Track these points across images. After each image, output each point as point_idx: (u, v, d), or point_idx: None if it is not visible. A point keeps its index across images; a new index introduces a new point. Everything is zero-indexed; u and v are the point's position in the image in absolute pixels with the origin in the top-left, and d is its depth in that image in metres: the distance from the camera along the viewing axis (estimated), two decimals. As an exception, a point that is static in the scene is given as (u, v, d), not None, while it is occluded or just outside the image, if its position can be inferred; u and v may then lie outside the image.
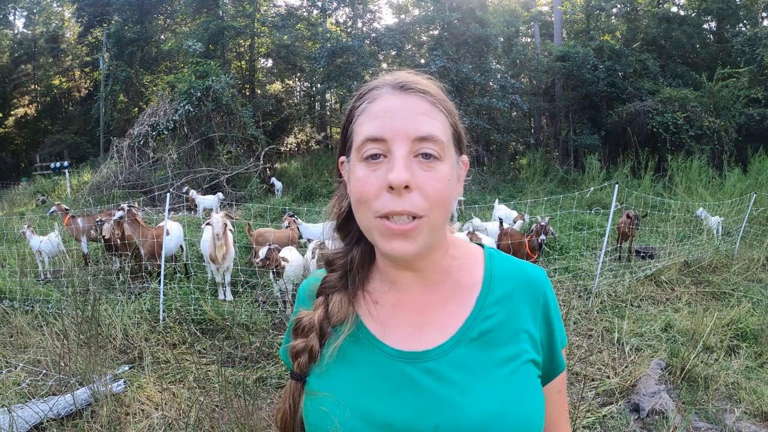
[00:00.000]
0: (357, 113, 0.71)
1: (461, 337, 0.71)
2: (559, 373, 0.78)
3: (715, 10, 17.69)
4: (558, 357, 0.77)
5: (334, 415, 0.70)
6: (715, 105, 15.07)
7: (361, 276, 0.78)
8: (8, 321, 4.33)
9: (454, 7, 15.99)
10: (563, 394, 0.81)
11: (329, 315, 0.75)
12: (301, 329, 0.76)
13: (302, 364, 0.75)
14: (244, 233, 8.01)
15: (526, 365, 0.71)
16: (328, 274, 0.79)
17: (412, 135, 0.65)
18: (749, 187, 10.56)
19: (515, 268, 0.78)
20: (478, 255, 0.80)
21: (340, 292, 0.76)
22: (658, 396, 3.16)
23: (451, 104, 0.73)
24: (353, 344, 0.74)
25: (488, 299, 0.74)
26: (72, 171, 16.86)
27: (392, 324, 0.74)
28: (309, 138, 24.86)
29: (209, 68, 14.88)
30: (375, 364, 0.72)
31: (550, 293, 0.77)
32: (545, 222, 5.35)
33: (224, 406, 2.99)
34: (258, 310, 4.78)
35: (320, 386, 0.74)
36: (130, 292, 5.10)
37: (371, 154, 0.66)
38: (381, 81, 0.72)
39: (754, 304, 5.00)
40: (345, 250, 0.79)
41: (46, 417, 2.85)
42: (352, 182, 0.69)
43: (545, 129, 20.41)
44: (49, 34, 25.11)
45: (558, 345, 0.77)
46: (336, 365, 0.74)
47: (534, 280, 0.76)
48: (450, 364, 0.70)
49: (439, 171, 0.66)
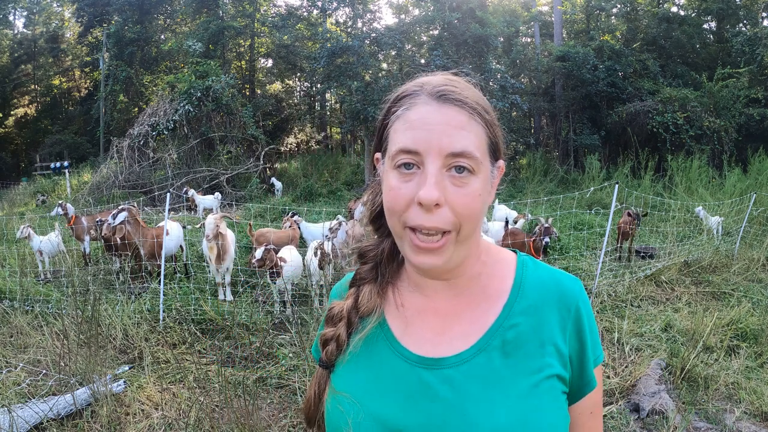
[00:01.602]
0: (393, 117, 0.70)
1: (483, 346, 0.70)
2: (589, 391, 0.73)
3: (715, 10, 17.69)
4: (588, 374, 0.73)
5: (349, 415, 0.71)
6: (715, 105, 15.08)
7: (391, 268, 0.79)
8: (8, 321, 4.33)
9: (454, 7, 15.99)
10: (596, 415, 0.76)
11: (358, 305, 0.76)
12: (331, 318, 0.78)
13: (330, 352, 0.76)
14: (244, 233, 8.01)
15: (550, 380, 0.68)
16: (360, 266, 0.80)
17: (445, 150, 0.65)
18: (749, 187, 10.56)
19: (548, 277, 0.75)
20: (511, 262, 0.78)
21: (371, 284, 0.77)
22: (658, 396, 3.16)
23: (491, 113, 0.71)
24: (375, 341, 0.75)
25: (515, 308, 0.72)
26: (72, 171, 16.87)
27: (414, 327, 0.74)
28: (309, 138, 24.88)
29: (209, 68, 14.88)
30: (393, 366, 0.72)
31: (584, 305, 0.73)
32: (548, 224, 5.35)
33: (224, 406, 2.99)
34: (258, 310, 4.78)
35: (340, 380, 0.75)
36: (130, 292, 5.09)
37: (404, 163, 0.66)
38: (420, 86, 0.70)
39: (754, 304, 5.00)
40: (376, 242, 0.80)
41: (46, 417, 2.84)
42: (385, 189, 0.69)
43: (545, 129, 20.41)
44: (49, 34, 25.11)
45: (589, 361, 0.73)
46: (357, 360, 0.75)
47: (567, 290, 0.73)
48: (468, 373, 0.68)
49: (470, 186, 0.66)
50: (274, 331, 4.38)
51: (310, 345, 3.82)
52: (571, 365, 0.71)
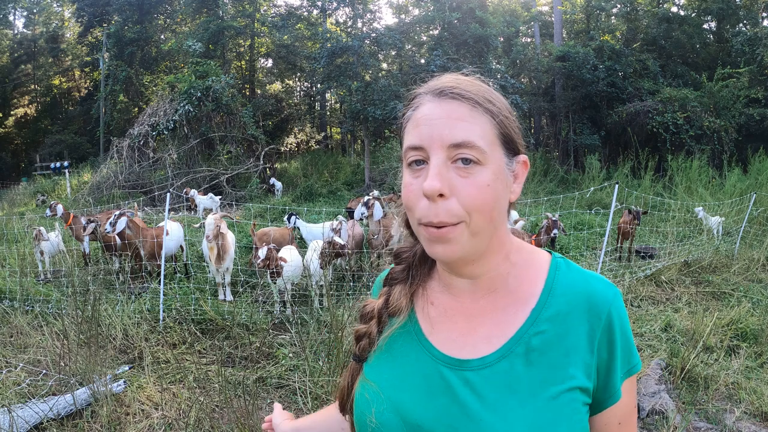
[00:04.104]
0: (405, 120, 0.73)
1: (507, 352, 0.69)
2: (613, 403, 0.70)
3: (715, 10, 17.69)
4: (614, 386, 0.70)
5: (373, 404, 0.73)
6: (715, 105, 15.08)
7: (422, 271, 0.81)
8: (8, 321, 4.33)
9: (454, 7, 15.99)
10: (626, 425, 0.73)
11: (389, 304, 0.79)
12: (364, 315, 0.81)
13: (363, 347, 0.79)
14: (244, 233, 8.01)
15: (572, 393, 0.66)
16: (395, 266, 0.83)
17: (446, 142, 0.65)
18: (749, 187, 10.56)
19: (582, 282, 0.72)
20: (543, 263, 0.75)
21: (402, 284, 0.80)
22: (658, 396, 3.16)
23: (499, 104, 0.71)
24: (404, 336, 0.78)
25: (543, 314, 0.70)
26: (72, 171, 16.87)
27: (442, 326, 0.75)
28: (309, 138, 24.88)
29: (209, 68, 14.88)
30: (418, 361, 0.74)
31: (617, 313, 0.69)
32: (556, 217, 5.35)
33: (224, 406, 2.99)
34: (258, 310, 4.78)
35: (370, 370, 0.78)
36: (130, 292, 5.09)
37: (414, 160, 0.68)
38: (425, 87, 0.72)
39: (754, 304, 5.00)
40: (411, 244, 0.82)
41: (46, 417, 2.84)
42: (402, 187, 0.71)
43: (545, 129, 20.42)
44: (49, 34, 25.12)
45: (617, 373, 0.69)
46: (385, 354, 0.78)
47: (599, 297, 0.70)
48: (489, 378, 0.68)
49: (477, 177, 0.65)
50: (274, 331, 4.38)
51: (310, 345, 3.82)
52: (597, 376, 0.69)
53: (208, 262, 5.36)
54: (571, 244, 7.38)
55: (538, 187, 13.61)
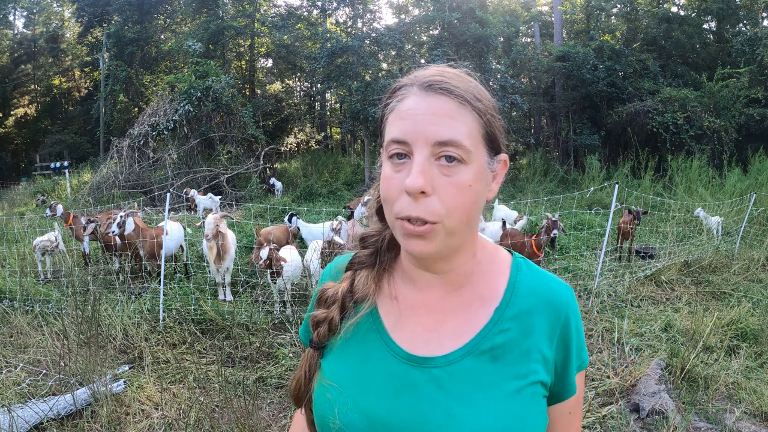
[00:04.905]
0: (388, 110, 0.71)
1: (472, 349, 0.70)
2: (569, 397, 0.75)
3: (715, 10, 17.69)
4: (569, 381, 0.74)
5: (336, 404, 0.71)
6: (715, 105, 15.08)
7: (389, 257, 0.79)
8: (8, 321, 4.33)
9: (454, 7, 16.00)
10: (575, 415, 0.78)
11: (353, 290, 0.76)
12: (324, 300, 0.78)
13: (322, 333, 0.76)
14: (244, 233, 8.02)
15: (534, 386, 0.70)
16: (360, 250, 0.80)
17: (432, 139, 0.65)
18: (749, 187, 10.56)
19: (541, 283, 0.75)
20: (506, 263, 0.77)
21: (368, 269, 0.78)
22: (658, 396, 3.16)
23: (486, 102, 0.70)
24: (367, 332, 0.75)
25: (506, 313, 0.72)
26: (72, 171, 16.87)
27: (406, 322, 0.75)
28: (309, 138, 24.89)
29: (209, 68, 14.88)
30: (382, 361, 0.72)
31: (573, 314, 0.74)
32: (556, 217, 5.34)
33: (224, 406, 2.99)
34: (258, 310, 4.78)
35: (330, 368, 0.75)
36: (130, 292, 5.09)
37: (395, 153, 0.67)
38: (412, 78, 0.71)
39: (754, 304, 5.00)
40: (379, 229, 0.80)
41: (46, 417, 2.84)
42: (381, 179, 0.70)
43: (545, 129, 20.42)
44: (49, 34, 25.11)
45: (572, 369, 0.74)
46: (348, 348, 0.75)
47: (558, 298, 0.73)
48: (455, 374, 0.69)
49: (459, 176, 0.65)
50: (274, 331, 4.38)
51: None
52: (555, 371, 0.72)
53: (208, 262, 5.36)
54: (571, 244, 7.38)
55: (538, 187, 13.61)
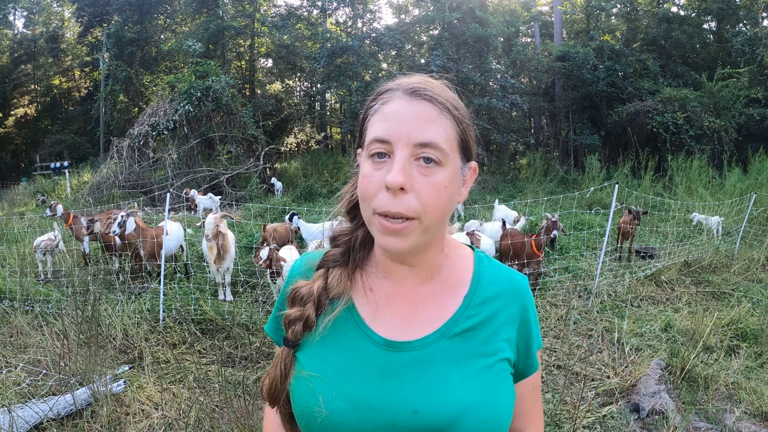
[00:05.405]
0: (371, 112, 0.75)
1: (445, 332, 0.76)
2: (533, 372, 0.84)
3: (715, 10, 17.69)
4: (533, 358, 0.83)
5: (319, 394, 0.74)
6: (715, 105, 15.08)
7: (362, 255, 0.83)
8: (8, 321, 4.33)
9: (454, 7, 16.00)
10: (537, 390, 0.87)
11: (328, 287, 0.80)
12: (298, 298, 0.80)
13: (296, 332, 0.78)
14: (245, 233, 8.02)
15: (502, 363, 0.77)
16: (331, 249, 0.84)
17: (413, 140, 0.70)
18: (749, 187, 10.56)
19: (501, 273, 0.84)
20: (469, 257, 0.85)
21: (341, 267, 0.81)
22: (658, 396, 3.16)
23: (463, 112, 0.76)
24: (344, 324, 0.78)
25: (474, 299, 0.79)
26: (72, 171, 16.86)
27: (383, 312, 0.79)
28: (309, 138, 24.86)
29: (209, 68, 14.88)
30: (362, 349, 0.76)
31: (530, 300, 0.83)
32: (556, 217, 5.33)
33: (224, 406, 2.99)
34: (258, 310, 4.78)
35: (309, 361, 0.77)
36: (130, 292, 5.09)
37: (377, 152, 0.71)
38: (397, 83, 0.76)
39: (754, 304, 5.00)
40: (351, 228, 0.84)
41: (46, 417, 2.84)
42: (360, 177, 0.74)
43: (545, 129, 20.42)
44: (49, 34, 25.10)
45: (534, 348, 0.83)
46: (326, 342, 0.78)
47: (517, 286, 0.82)
48: (433, 354, 0.75)
49: (436, 177, 0.70)
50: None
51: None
52: (518, 350, 0.81)
53: (208, 262, 5.36)
54: (571, 244, 7.38)
55: (538, 187, 13.61)
